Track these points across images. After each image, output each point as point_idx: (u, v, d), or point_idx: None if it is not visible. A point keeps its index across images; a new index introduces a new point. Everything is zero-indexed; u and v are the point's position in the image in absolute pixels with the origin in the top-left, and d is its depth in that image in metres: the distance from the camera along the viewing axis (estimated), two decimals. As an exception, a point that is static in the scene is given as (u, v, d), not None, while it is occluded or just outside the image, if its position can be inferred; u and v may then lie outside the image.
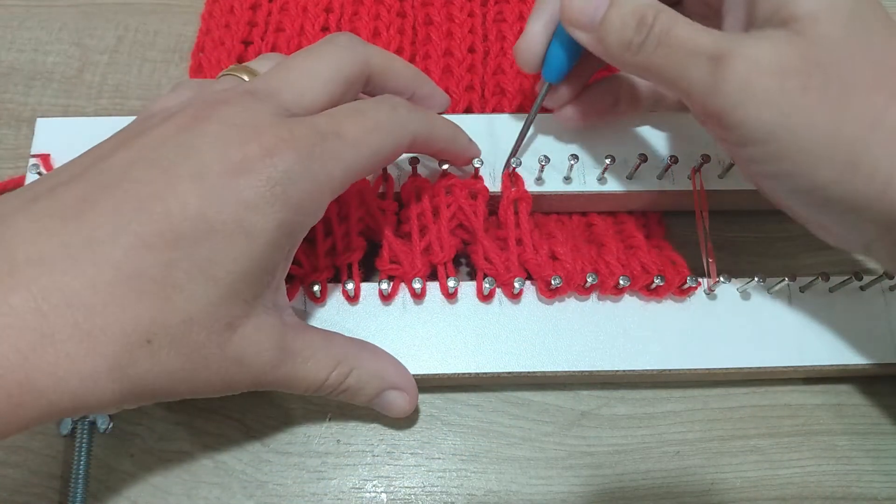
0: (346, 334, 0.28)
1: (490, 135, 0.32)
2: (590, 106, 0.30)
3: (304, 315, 0.29)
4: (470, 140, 0.30)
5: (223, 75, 0.27)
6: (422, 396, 0.30)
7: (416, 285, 0.29)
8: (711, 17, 0.26)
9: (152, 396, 0.21)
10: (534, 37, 0.28)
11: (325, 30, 0.38)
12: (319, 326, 0.29)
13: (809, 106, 0.22)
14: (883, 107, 0.21)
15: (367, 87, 0.28)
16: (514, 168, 0.30)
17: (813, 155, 0.22)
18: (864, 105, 0.22)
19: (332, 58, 0.25)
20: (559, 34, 0.27)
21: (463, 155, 0.30)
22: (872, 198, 0.22)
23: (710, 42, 0.23)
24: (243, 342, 0.22)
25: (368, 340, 0.28)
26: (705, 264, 0.30)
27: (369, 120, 0.24)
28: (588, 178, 0.31)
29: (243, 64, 0.27)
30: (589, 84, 0.31)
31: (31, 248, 0.19)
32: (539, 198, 0.31)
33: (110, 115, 0.36)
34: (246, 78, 0.26)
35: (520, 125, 0.32)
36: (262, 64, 0.27)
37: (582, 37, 0.25)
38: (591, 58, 0.27)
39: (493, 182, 0.31)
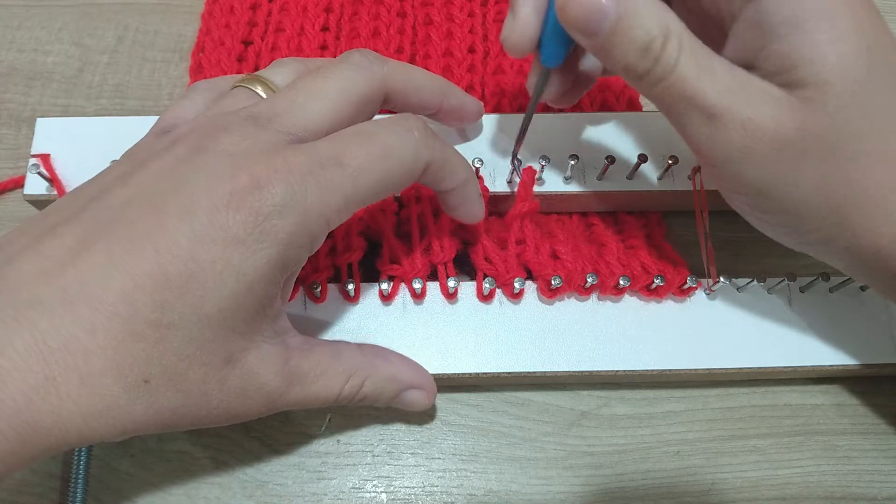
0: (346, 334, 0.29)
1: (490, 135, 0.32)
2: (584, 88, 0.29)
3: (304, 315, 0.29)
4: (480, 193, 0.28)
5: (236, 86, 0.26)
6: (422, 396, 0.30)
7: (417, 285, 0.29)
8: (714, 27, 0.25)
9: (154, 430, 0.21)
10: (526, 18, 0.24)
11: (325, 30, 0.38)
12: (319, 326, 0.29)
13: (804, 173, 0.22)
14: (874, 179, 0.22)
15: (388, 104, 0.27)
16: (519, 167, 0.30)
17: (802, 213, 0.23)
18: (856, 177, 0.22)
19: (344, 77, 0.24)
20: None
21: (472, 206, 0.28)
22: (851, 248, 0.23)
23: (711, 97, 0.22)
24: (245, 375, 0.22)
25: (369, 341, 0.28)
26: (705, 264, 0.30)
27: (377, 145, 0.23)
28: (588, 178, 0.31)
29: (257, 74, 0.26)
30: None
31: (32, 291, 0.19)
32: (538, 197, 0.31)
33: (110, 115, 0.36)
34: (259, 90, 0.25)
35: (519, 126, 0.32)
36: (277, 72, 0.26)
37: (582, 40, 0.23)
38: None
39: (492, 182, 0.31)
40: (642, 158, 0.30)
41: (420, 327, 0.29)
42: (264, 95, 0.25)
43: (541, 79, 0.27)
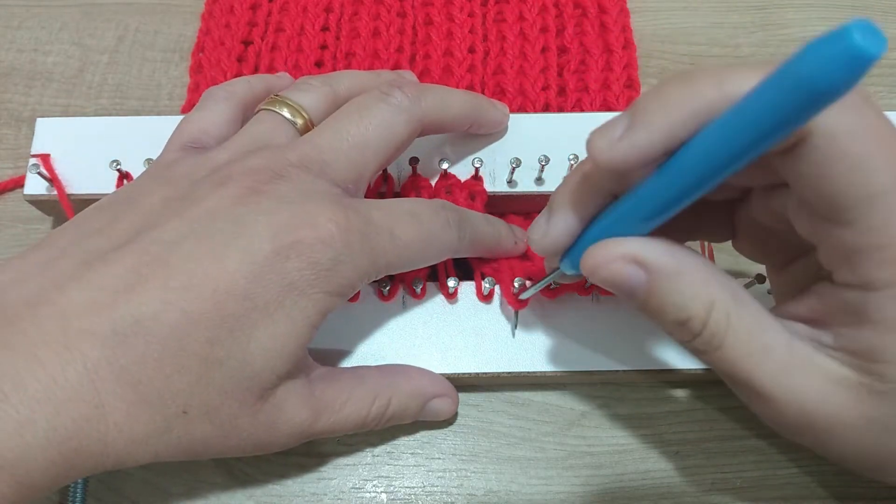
0: (346, 334, 0.29)
1: (490, 134, 0.32)
2: None
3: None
4: (515, 241, 0.29)
5: (263, 109, 0.26)
6: (422, 396, 0.30)
7: (417, 285, 0.29)
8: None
9: (183, 457, 0.22)
10: (561, 232, 0.22)
11: (325, 30, 0.38)
12: (320, 326, 0.29)
13: (850, 445, 0.21)
14: None
15: (423, 134, 0.27)
16: (477, 168, 0.30)
17: (843, 462, 0.22)
18: None
19: (385, 123, 0.25)
20: (600, 229, 0.22)
21: (505, 255, 0.29)
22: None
23: (765, 377, 0.20)
24: (274, 410, 0.23)
25: (368, 341, 0.29)
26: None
27: (424, 230, 0.24)
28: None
29: (284, 96, 0.26)
30: None
31: (83, 321, 0.20)
32: (538, 197, 0.31)
33: (110, 115, 0.36)
34: (287, 114, 0.26)
35: (519, 126, 0.32)
36: (304, 96, 0.27)
37: (623, 295, 0.21)
38: None
39: (492, 182, 0.31)
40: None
41: (420, 327, 0.29)
42: (290, 118, 0.26)
43: (552, 275, 0.26)
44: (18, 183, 0.34)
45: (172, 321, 0.20)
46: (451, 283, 0.29)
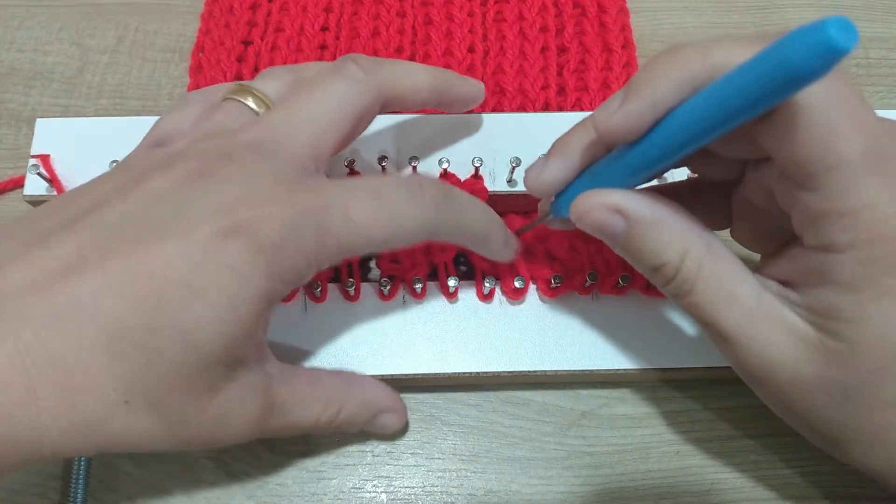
0: (346, 334, 0.29)
1: (489, 134, 0.32)
2: None
3: (304, 315, 0.29)
4: (506, 241, 0.27)
5: (227, 98, 0.26)
6: (422, 396, 0.30)
7: (417, 285, 0.29)
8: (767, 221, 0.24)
9: (128, 450, 0.21)
10: (554, 175, 0.24)
11: (325, 30, 0.38)
12: (319, 326, 0.29)
13: (810, 406, 0.22)
14: (878, 426, 0.21)
15: (387, 109, 0.27)
16: (477, 167, 0.30)
17: (804, 431, 0.23)
18: (874, 423, 0.21)
19: (338, 93, 0.24)
20: (590, 179, 0.24)
21: (491, 256, 0.27)
22: (851, 461, 0.23)
23: (730, 323, 0.21)
24: (226, 404, 0.22)
25: (368, 340, 0.29)
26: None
27: (384, 209, 0.23)
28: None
29: (248, 84, 0.26)
30: None
31: (18, 302, 0.19)
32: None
33: (110, 116, 0.36)
34: (251, 102, 0.25)
35: (518, 125, 0.32)
36: (268, 84, 0.26)
37: (606, 239, 0.23)
38: None
39: (492, 182, 0.31)
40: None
41: (420, 327, 0.29)
42: (255, 108, 0.25)
43: (543, 217, 0.27)
44: (18, 183, 0.34)
45: (109, 305, 0.19)
46: (452, 282, 0.29)
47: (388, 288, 0.29)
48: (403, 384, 0.29)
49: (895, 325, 0.20)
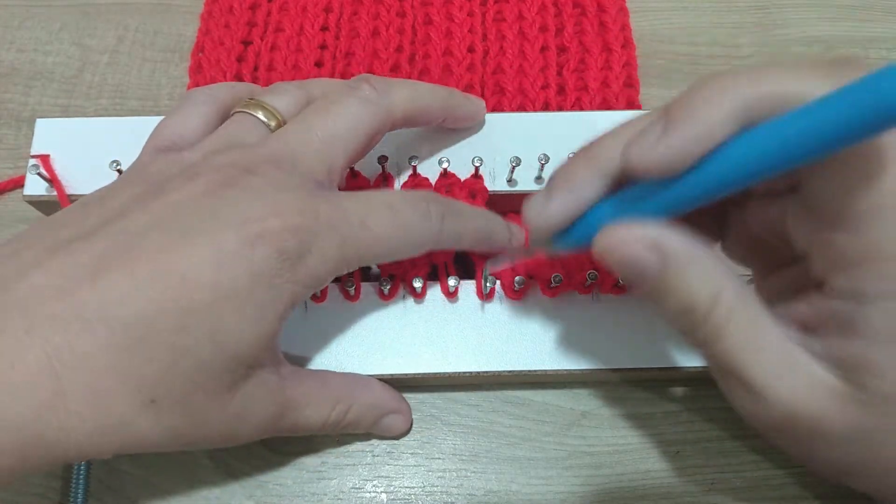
0: (346, 334, 0.29)
1: (489, 133, 0.32)
2: None
3: (304, 315, 0.29)
4: (511, 238, 0.28)
5: (238, 111, 0.26)
6: (422, 396, 0.30)
7: (417, 284, 0.29)
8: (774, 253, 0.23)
9: (151, 449, 0.22)
10: (558, 211, 0.22)
11: (325, 29, 0.38)
12: (319, 326, 0.29)
13: (833, 456, 0.21)
14: None
15: (394, 127, 0.27)
16: (477, 167, 0.30)
17: (825, 475, 0.23)
18: (884, 476, 0.21)
19: (352, 115, 0.25)
20: (611, 210, 0.22)
21: (496, 250, 0.28)
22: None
23: (758, 372, 0.20)
24: (244, 402, 0.23)
25: (369, 340, 0.29)
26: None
27: (399, 221, 0.24)
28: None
29: (259, 99, 0.26)
30: None
31: (47, 306, 0.20)
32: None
33: (110, 116, 0.36)
34: (262, 116, 0.26)
35: (518, 124, 0.32)
36: (278, 98, 0.27)
37: (626, 280, 0.23)
38: None
39: (492, 181, 0.31)
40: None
41: (420, 326, 0.29)
42: (265, 120, 0.26)
43: (535, 248, 0.26)
44: (18, 183, 0.34)
45: (139, 308, 0.20)
46: (452, 282, 0.29)
47: (388, 287, 0.29)
48: (403, 384, 0.29)
49: None
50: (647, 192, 0.21)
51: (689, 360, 0.29)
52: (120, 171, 0.30)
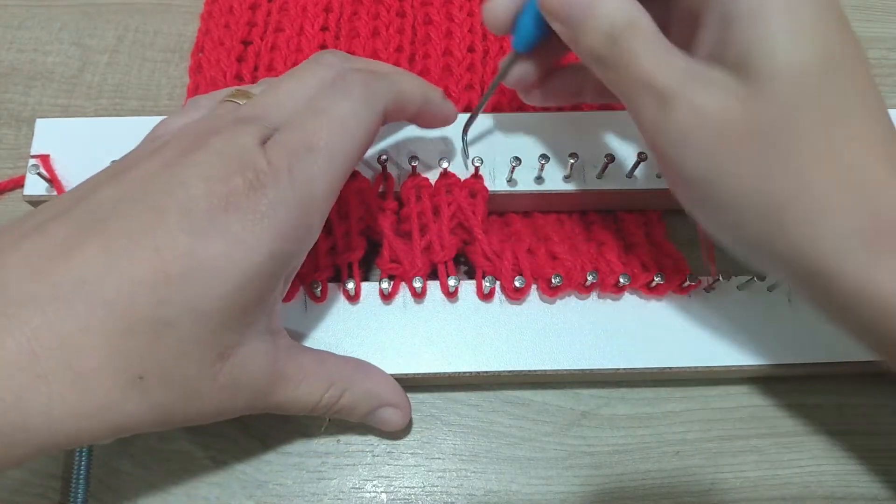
0: (346, 334, 0.29)
1: (489, 133, 0.32)
2: (553, 89, 0.30)
3: (304, 314, 0.29)
4: (444, 98, 0.28)
5: (224, 101, 0.26)
6: (422, 396, 0.30)
7: (417, 284, 0.29)
8: (692, 26, 0.25)
9: (146, 428, 0.21)
10: (502, 3, 0.26)
11: (325, 29, 0.38)
12: (320, 326, 0.29)
13: (743, 164, 0.22)
14: (819, 178, 0.21)
15: None
16: (477, 167, 0.30)
17: (740, 209, 0.22)
18: (799, 173, 0.21)
19: (317, 75, 0.25)
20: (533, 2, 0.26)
21: (437, 116, 0.28)
22: (792, 259, 0.22)
23: (663, 79, 0.22)
24: (235, 370, 0.22)
25: (369, 340, 0.29)
26: (705, 262, 0.30)
27: (334, 120, 0.23)
28: (588, 177, 0.31)
29: (244, 88, 0.27)
30: (558, 65, 0.29)
31: (22, 288, 0.19)
32: (538, 196, 0.31)
33: (110, 116, 0.36)
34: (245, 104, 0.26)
35: (518, 124, 0.32)
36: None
37: (557, 26, 0.25)
38: None
39: (492, 181, 0.31)
40: (642, 157, 0.30)
41: (420, 326, 0.29)
42: None
43: (507, 60, 0.28)
44: (18, 183, 0.34)
45: (115, 283, 0.19)
46: (452, 282, 0.29)
47: (388, 288, 0.29)
48: (404, 384, 0.29)
49: (803, 47, 0.21)
50: None
51: (689, 360, 0.29)
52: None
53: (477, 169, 0.30)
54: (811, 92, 0.21)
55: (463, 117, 0.31)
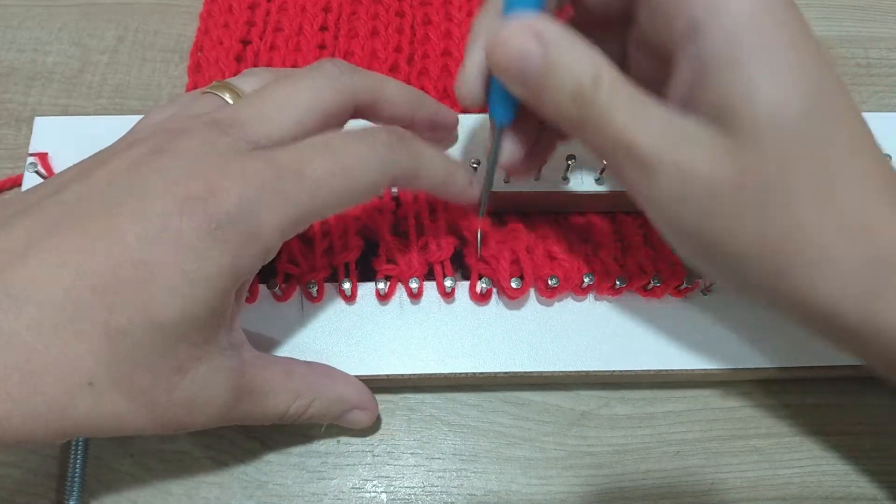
0: (342, 334, 0.29)
1: (488, 135, 0.32)
2: (538, 152, 0.28)
3: (300, 315, 0.29)
4: (471, 180, 0.27)
5: (205, 92, 0.26)
6: (422, 396, 0.30)
7: (413, 285, 0.28)
8: (656, 61, 0.23)
9: (95, 434, 0.21)
10: (471, 70, 0.24)
11: (324, 29, 0.38)
12: (315, 326, 0.29)
13: (738, 220, 0.21)
14: (816, 225, 0.20)
15: (359, 115, 0.26)
16: (475, 168, 0.30)
17: (741, 264, 0.21)
18: (796, 223, 0.20)
19: (311, 88, 0.24)
20: None
21: (458, 198, 0.27)
22: (795, 301, 0.21)
23: (644, 142, 0.21)
24: (195, 386, 0.21)
25: (365, 340, 0.29)
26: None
27: (338, 160, 0.22)
28: (586, 178, 0.31)
29: (227, 81, 0.26)
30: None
31: None
32: (536, 197, 0.31)
33: (110, 115, 0.36)
34: (228, 97, 0.25)
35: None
36: (247, 81, 0.26)
37: (513, 88, 0.22)
38: None
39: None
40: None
41: (417, 327, 0.29)
42: (230, 101, 0.25)
43: (495, 139, 0.26)
44: (16, 182, 0.34)
45: (67, 284, 0.19)
46: (449, 282, 0.29)
47: (385, 288, 0.29)
48: (402, 384, 0.29)
49: (787, 92, 0.19)
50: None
51: (686, 363, 0.29)
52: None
53: (475, 170, 0.30)
54: (800, 140, 0.20)
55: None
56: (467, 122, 0.31)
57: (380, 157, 0.23)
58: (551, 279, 0.28)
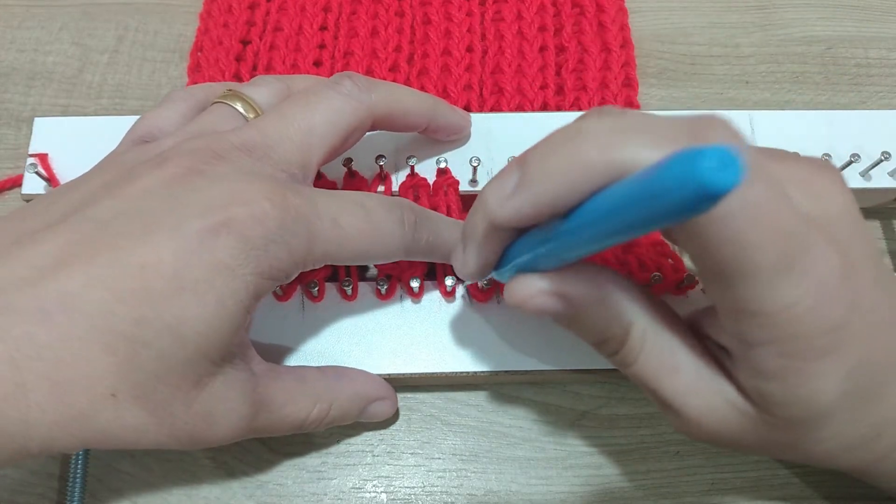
0: (343, 333, 0.29)
1: (488, 133, 0.32)
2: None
3: (301, 314, 0.29)
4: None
5: (216, 102, 0.26)
6: (422, 396, 0.30)
7: (414, 284, 0.28)
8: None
9: (114, 446, 0.21)
10: (478, 265, 0.23)
11: (324, 29, 0.38)
12: (316, 326, 0.29)
13: (767, 453, 0.24)
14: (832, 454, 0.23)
15: (375, 127, 0.27)
16: (475, 167, 0.30)
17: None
18: (809, 456, 0.23)
19: (331, 108, 0.25)
20: (520, 251, 0.21)
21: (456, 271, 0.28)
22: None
23: (670, 392, 0.22)
24: (212, 399, 0.22)
25: (366, 340, 0.29)
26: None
27: (372, 223, 0.24)
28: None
29: (238, 90, 0.26)
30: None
31: (7, 298, 0.19)
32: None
33: (110, 115, 0.36)
34: (240, 107, 0.26)
35: (517, 125, 0.32)
36: (258, 91, 0.26)
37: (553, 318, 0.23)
38: None
39: (492, 181, 0.31)
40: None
41: (418, 326, 0.29)
42: (243, 112, 0.25)
43: (487, 283, 0.28)
44: (16, 182, 0.34)
45: (98, 298, 0.19)
46: (449, 281, 0.29)
47: (385, 287, 0.29)
48: (402, 384, 0.29)
49: (824, 403, 0.20)
50: (538, 243, 0.20)
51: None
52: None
53: (475, 169, 0.30)
54: (827, 420, 0.21)
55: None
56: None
57: (405, 233, 0.25)
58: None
